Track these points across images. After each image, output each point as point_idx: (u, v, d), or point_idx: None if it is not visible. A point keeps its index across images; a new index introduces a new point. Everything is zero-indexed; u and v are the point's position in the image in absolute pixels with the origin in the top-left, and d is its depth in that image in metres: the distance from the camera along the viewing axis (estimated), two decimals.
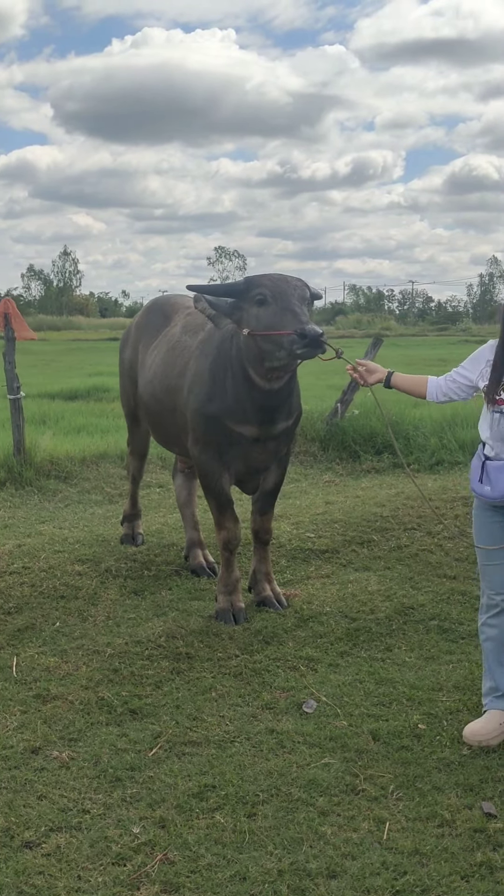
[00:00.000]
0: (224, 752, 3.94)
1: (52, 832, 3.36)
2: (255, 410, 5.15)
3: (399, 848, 3.25)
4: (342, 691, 4.51)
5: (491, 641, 4.16)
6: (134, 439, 6.94)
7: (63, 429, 12.03)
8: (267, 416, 5.19)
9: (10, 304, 8.91)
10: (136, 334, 6.50)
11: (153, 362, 5.99)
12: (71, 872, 3.12)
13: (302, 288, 5.00)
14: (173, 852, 3.22)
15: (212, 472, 5.38)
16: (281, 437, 5.36)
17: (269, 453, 5.40)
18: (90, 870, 3.14)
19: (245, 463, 5.40)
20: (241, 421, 5.19)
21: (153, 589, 5.89)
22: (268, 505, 5.63)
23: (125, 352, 6.67)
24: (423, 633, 5.25)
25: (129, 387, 6.60)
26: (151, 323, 6.32)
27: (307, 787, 3.64)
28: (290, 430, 5.45)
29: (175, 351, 5.76)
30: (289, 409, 5.31)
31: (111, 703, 4.38)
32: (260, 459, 5.41)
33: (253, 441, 5.27)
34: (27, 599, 5.66)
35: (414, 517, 7.18)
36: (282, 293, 4.85)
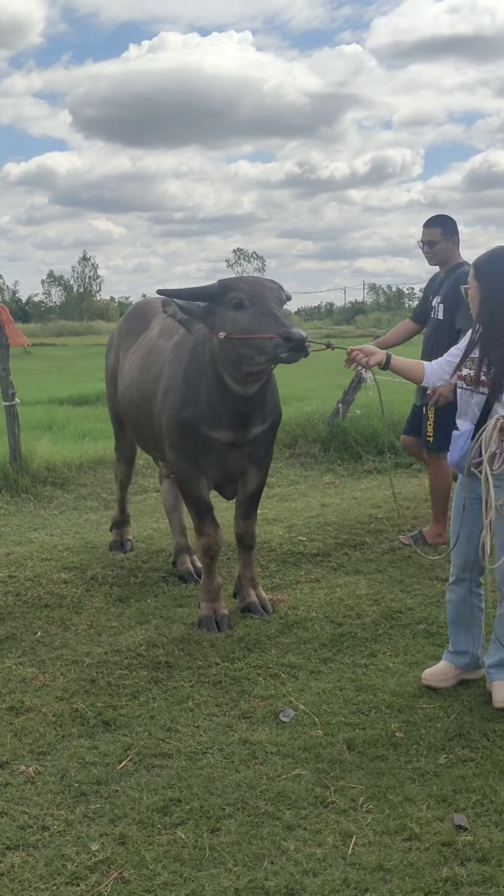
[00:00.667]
0: (194, 764, 3.84)
1: (8, 851, 3.27)
2: (229, 415, 5.06)
3: (363, 863, 3.15)
4: (321, 699, 4.41)
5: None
6: (121, 445, 6.87)
7: (68, 434, 12.00)
8: (241, 421, 5.10)
9: (3, 310, 8.85)
10: (118, 339, 6.44)
11: (131, 367, 5.91)
12: (23, 893, 3.03)
13: (278, 290, 4.92)
14: (129, 870, 3.13)
15: (189, 478, 5.29)
16: (257, 440, 5.27)
17: (246, 458, 5.31)
18: (42, 890, 3.05)
19: (222, 468, 5.31)
20: (215, 426, 5.10)
21: (139, 596, 5.81)
22: (250, 509, 5.54)
23: (109, 357, 6.61)
24: (410, 637, 5.13)
25: (114, 392, 6.53)
26: (132, 327, 6.25)
27: (275, 800, 3.54)
28: (267, 433, 5.34)
29: (151, 355, 5.68)
30: (263, 412, 5.21)
31: (85, 714, 4.29)
32: (237, 464, 5.32)
33: (229, 446, 5.18)
34: (10, 609, 5.59)
35: (409, 518, 7.09)
36: (259, 296, 4.75)
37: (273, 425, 5.39)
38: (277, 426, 5.50)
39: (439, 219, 6.63)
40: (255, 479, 5.47)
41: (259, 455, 5.39)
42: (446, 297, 6.44)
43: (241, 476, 5.44)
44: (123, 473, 6.95)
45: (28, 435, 9.96)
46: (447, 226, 6.58)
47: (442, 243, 6.57)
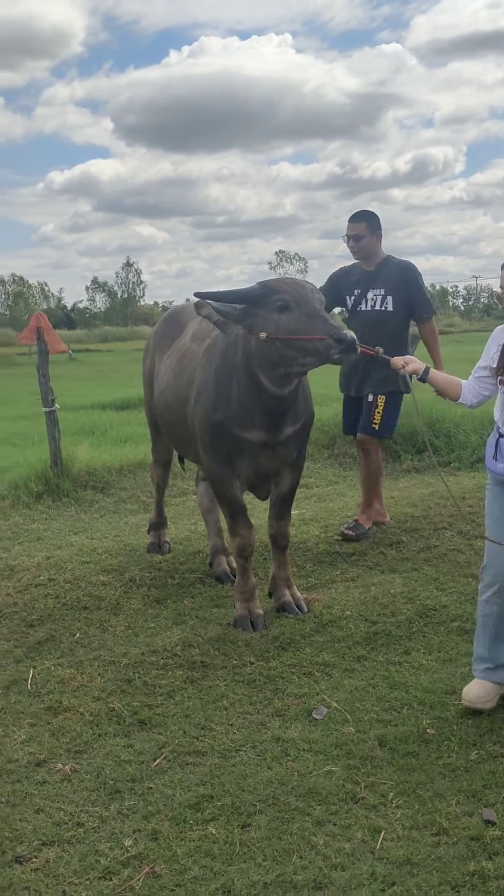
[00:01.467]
0: (227, 761, 3.90)
1: (44, 846, 3.35)
2: (262, 416, 5.12)
3: (391, 858, 3.18)
4: (354, 696, 4.44)
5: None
6: (157, 448, 6.95)
7: (109, 439, 12.12)
8: (274, 422, 5.15)
9: (42, 318, 8.99)
10: (153, 344, 6.52)
11: (165, 372, 6.00)
12: (57, 887, 3.11)
13: (318, 292, 5.01)
14: (161, 865, 3.19)
15: (222, 479, 5.36)
16: (289, 441, 5.31)
17: (279, 458, 5.35)
18: (76, 884, 3.12)
19: (255, 469, 5.36)
20: (247, 427, 5.16)
21: (175, 597, 5.88)
22: (284, 510, 5.59)
23: (145, 362, 6.70)
24: (444, 634, 5.15)
25: (150, 396, 6.62)
26: (167, 333, 6.32)
27: (306, 796, 3.59)
28: (299, 434, 5.39)
29: (184, 360, 5.76)
30: (295, 413, 5.26)
31: (121, 713, 4.37)
32: (269, 465, 5.36)
33: (261, 447, 5.23)
34: (50, 611, 5.69)
35: (445, 517, 7.07)
36: (304, 298, 4.81)
37: (305, 426, 5.43)
38: (310, 427, 5.55)
39: (364, 214, 6.90)
40: (288, 481, 5.51)
41: (292, 456, 5.44)
42: (395, 289, 6.78)
43: (274, 477, 5.49)
44: (160, 476, 7.03)
45: (70, 440, 10.09)
46: (372, 221, 6.85)
47: (367, 238, 6.83)
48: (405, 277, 6.86)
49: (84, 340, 64.00)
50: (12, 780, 3.84)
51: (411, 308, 6.84)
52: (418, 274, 6.95)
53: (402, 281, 6.83)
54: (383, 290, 6.79)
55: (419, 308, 6.88)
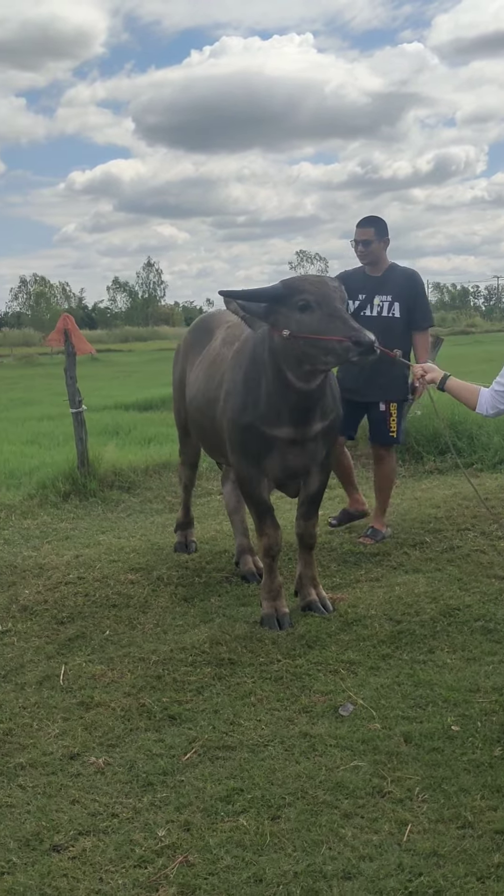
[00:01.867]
0: (256, 755, 3.99)
1: (80, 836, 3.46)
2: (289, 412, 5.21)
3: (417, 850, 3.27)
4: (380, 694, 4.53)
5: None
6: (185, 450, 7.06)
7: (134, 439, 12.25)
8: (302, 417, 5.24)
9: (69, 319, 9.12)
10: (184, 351, 6.65)
11: (197, 377, 6.11)
12: (94, 875, 3.21)
13: (342, 290, 5.07)
14: (194, 855, 3.30)
15: (250, 479, 5.46)
16: (318, 438, 5.39)
17: (307, 456, 5.43)
18: (112, 872, 3.23)
19: (284, 467, 5.44)
20: (275, 424, 5.25)
21: (203, 596, 5.99)
22: (312, 510, 5.67)
23: (176, 368, 6.82)
24: (467, 634, 5.22)
25: (180, 402, 6.74)
26: (197, 339, 6.45)
27: (333, 790, 3.68)
28: (327, 431, 5.45)
29: (214, 364, 5.88)
30: (323, 409, 5.34)
31: (151, 709, 4.47)
32: (297, 462, 5.44)
33: (290, 444, 5.32)
34: (80, 609, 5.81)
35: (468, 517, 7.15)
36: (326, 298, 4.87)
37: (333, 424, 5.50)
38: (338, 426, 5.64)
39: (373, 219, 6.95)
40: (317, 481, 5.60)
41: (321, 455, 5.51)
42: (402, 296, 6.85)
43: (303, 476, 5.58)
44: (188, 477, 7.14)
45: (95, 440, 10.22)
46: (380, 226, 6.91)
47: (375, 243, 6.89)
48: (411, 285, 6.96)
49: (105, 340, 64.32)
50: (47, 772, 3.95)
51: (412, 315, 6.92)
52: (423, 282, 7.12)
53: (408, 288, 6.92)
54: (390, 297, 6.85)
55: (420, 316, 6.97)
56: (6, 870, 3.27)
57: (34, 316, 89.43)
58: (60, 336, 9.03)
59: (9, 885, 3.17)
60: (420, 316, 6.96)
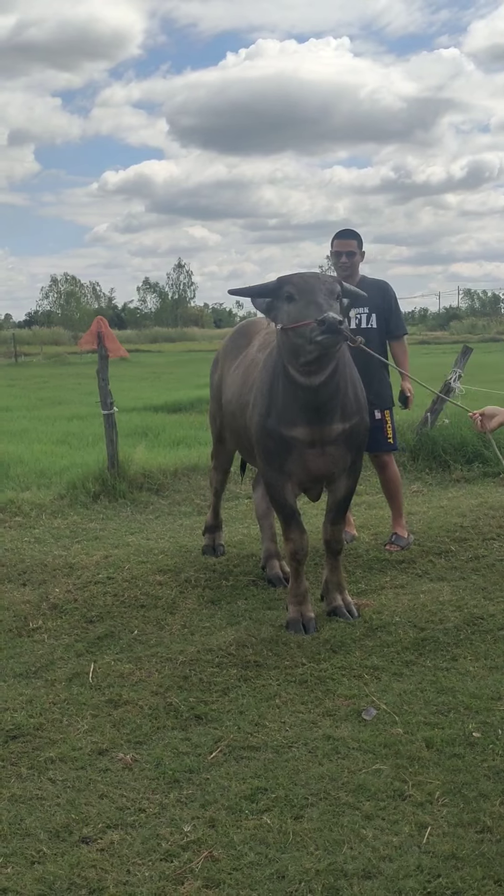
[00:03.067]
0: (280, 756, 4.08)
1: (108, 829, 3.56)
2: (301, 410, 5.30)
3: (437, 852, 3.35)
4: (403, 699, 4.61)
5: None
6: (219, 456, 7.16)
7: (163, 441, 12.35)
8: (314, 416, 5.30)
9: (102, 322, 9.24)
10: (222, 357, 6.77)
11: (233, 381, 6.24)
12: (121, 867, 3.31)
13: (331, 283, 5.20)
14: (219, 850, 3.39)
15: (276, 484, 5.55)
16: (340, 442, 5.44)
17: (329, 459, 5.48)
18: (139, 864, 3.33)
19: (305, 469, 5.50)
20: (290, 425, 5.35)
21: (229, 598, 6.08)
22: (339, 515, 5.75)
23: (214, 375, 6.94)
24: (491, 642, 5.28)
25: (216, 408, 6.86)
26: (236, 345, 6.58)
27: (355, 792, 3.76)
28: (352, 436, 5.49)
29: (249, 369, 6.01)
30: (342, 409, 5.39)
31: (178, 708, 4.57)
32: (319, 466, 5.49)
33: (309, 445, 5.39)
34: (109, 608, 5.92)
35: (494, 527, 7.20)
36: (308, 288, 5.06)
37: (358, 428, 5.54)
38: (365, 431, 5.69)
39: (354, 232, 7.07)
40: (344, 487, 5.67)
41: (346, 461, 5.56)
42: (377, 307, 6.96)
43: (329, 484, 5.66)
44: (219, 482, 7.24)
45: (125, 442, 10.32)
46: (360, 239, 7.04)
47: (357, 255, 7.01)
48: (385, 296, 7.06)
49: (134, 341, 64.50)
50: (76, 766, 4.06)
51: (388, 325, 7.04)
52: (394, 292, 7.20)
53: (382, 299, 7.02)
54: (367, 309, 6.93)
55: (395, 325, 7.10)
56: (37, 859, 3.38)
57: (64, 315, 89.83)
58: (94, 338, 9.15)
59: (39, 874, 3.28)
60: (395, 325, 7.09)
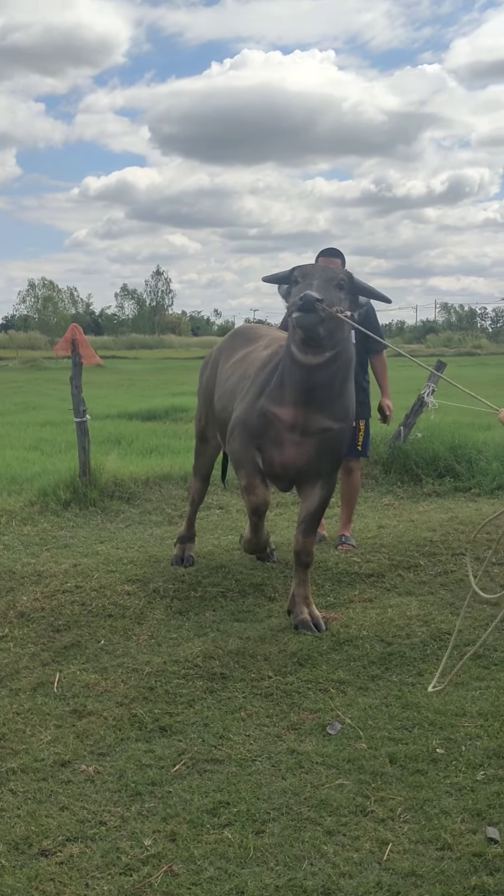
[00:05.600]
0: (244, 770, 4.07)
1: (68, 842, 3.53)
2: (293, 389, 5.44)
3: (397, 869, 3.34)
4: (367, 714, 4.61)
5: None
6: (199, 461, 7.18)
7: (135, 450, 12.31)
8: (303, 397, 5.43)
9: (77, 329, 9.22)
10: (216, 355, 6.85)
11: (229, 375, 6.34)
12: (80, 880, 3.29)
13: (334, 272, 5.49)
14: (179, 865, 3.37)
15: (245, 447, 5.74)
16: (321, 439, 5.53)
17: (303, 452, 5.57)
18: (98, 878, 3.30)
19: (279, 453, 5.61)
20: (279, 401, 5.51)
21: (197, 609, 6.07)
22: (311, 527, 5.78)
23: (205, 372, 7.01)
24: (457, 658, 5.29)
25: (203, 406, 6.94)
26: (234, 346, 6.66)
27: (317, 807, 3.75)
28: (333, 438, 5.58)
29: (247, 360, 6.16)
30: (331, 405, 5.50)
31: (143, 719, 4.55)
32: (291, 454, 5.59)
33: (288, 429, 5.50)
34: (76, 618, 5.88)
35: (464, 542, 7.23)
36: (310, 274, 5.38)
37: (340, 434, 5.64)
38: (345, 439, 5.76)
39: (337, 250, 7.22)
40: (317, 496, 5.73)
41: (320, 464, 5.64)
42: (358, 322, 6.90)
43: (301, 491, 5.76)
44: (197, 491, 7.24)
45: (97, 449, 10.29)
46: (342, 257, 7.17)
47: None
48: (364, 311, 7.03)
49: (111, 347, 64.47)
50: (38, 778, 4.03)
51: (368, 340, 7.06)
52: (373, 308, 7.30)
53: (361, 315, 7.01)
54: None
55: (374, 341, 7.12)
56: None
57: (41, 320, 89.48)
58: (68, 345, 9.13)
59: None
60: (374, 340, 7.14)
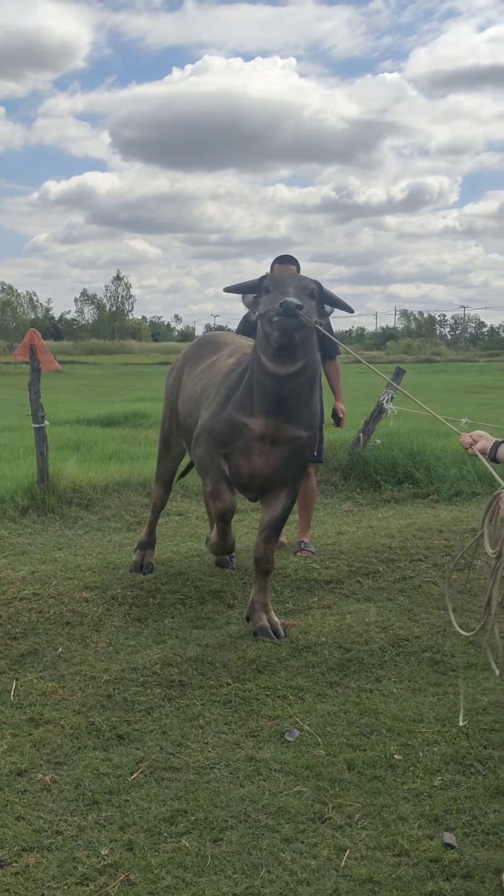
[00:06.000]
0: (202, 778, 4.06)
1: (24, 852, 3.50)
2: (262, 399, 5.44)
3: (354, 876, 3.35)
4: (326, 721, 4.62)
5: None
6: (161, 467, 7.14)
7: (94, 456, 12.21)
8: (274, 407, 5.43)
9: (35, 335, 9.15)
10: (181, 363, 6.83)
11: (195, 383, 6.34)
12: (36, 891, 3.26)
13: (306, 281, 5.50)
14: (136, 874, 3.35)
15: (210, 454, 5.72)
16: (288, 448, 5.54)
17: (271, 461, 5.58)
18: (54, 888, 3.27)
19: (246, 463, 5.61)
20: (248, 412, 5.51)
21: (156, 617, 6.04)
22: (273, 534, 5.79)
23: (170, 378, 7.00)
24: (415, 664, 5.33)
25: (167, 411, 6.93)
26: (200, 353, 6.64)
27: (275, 814, 3.75)
28: (300, 447, 5.59)
29: (215, 371, 6.13)
30: (300, 413, 5.53)
31: (100, 728, 4.52)
32: (259, 465, 5.60)
33: (258, 439, 5.51)
34: (34, 625, 5.84)
35: (422, 548, 7.27)
36: (281, 283, 5.41)
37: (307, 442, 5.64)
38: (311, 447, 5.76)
39: (293, 258, 7.27)
40: (281, 504, 5.75)
41: (286, 473, 5.66)
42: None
43: (265, 499, 5.77)
44: (159, 497, 7.20)
45: (56, 455, 10.20)
46: (299, 264, 7.24)
47: None
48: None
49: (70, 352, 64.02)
50: None
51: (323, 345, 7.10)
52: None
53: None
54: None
55: (330, 346, 7.25)
56: None
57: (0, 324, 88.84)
58: (26, 351, 9.06)
59: None
60: (330, 345, 7.23)
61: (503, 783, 4.00)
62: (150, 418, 16.91)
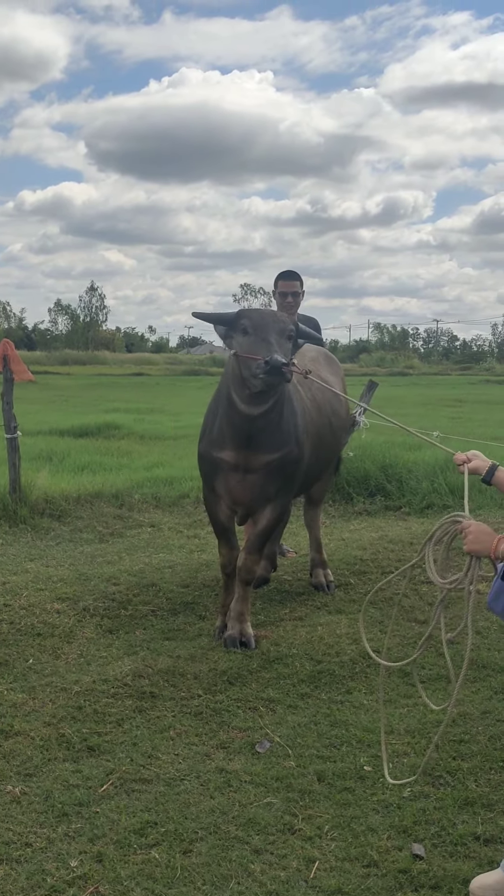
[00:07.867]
0: (172, 789, 4.06)
1: None
2: (232, 434, 5.55)
3: (323, 887, 3.36)
4: (296, 732, 4.63)
5: None
6: None
7: (67, 466, 12.20)
8: (243, 441, 5.54)
9: (9, 345, 9.14)
10: None
11: None
12: None
13: (285, 323, 5.43)
14: (105, 886, 3.35)
15: (208, 502, 5.94)
16: (264, 472, 5.62)
17: (248, 487, 5.67)
18: None
19: (228, 492, 5.74)
20: (220, 447, 5.62)
21: (128, 628, 6.04)
22: (255, 546, 5.84)
23: None
24: (385, 676, 5.34)
25: None
26: None
27: (245, 826, 3.76)
28: (279, 468, 5.66)
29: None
30: (272, 440, 5.60)
31: (71, 739, 4.51)
32: (238, 491, 5.71)
33: (233, 469, 5.61)
34: (4, 636, 5.81)
35: (393, 560, 7.31)
36: (262, 325, 5.32)
37: (286, 461, 5.70)
38: (294, 464, 5.79)
39: (296, 273, 7.43)
40: (265, 517, 5.81)
41: (269, 491, 5.72)
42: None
43: (252, 511, 5.83)
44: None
45: (28, 466, 10.20)
46: (301, 279, 7.41)
47: (300, 295, 7.43)
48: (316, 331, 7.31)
49: (44, 362, 63.79)
50: None
51: None
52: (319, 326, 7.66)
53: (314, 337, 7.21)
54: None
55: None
56: None
57: None
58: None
59: None
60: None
61: (472, 794, 4.03)
62: (123, 429, 16.90)
